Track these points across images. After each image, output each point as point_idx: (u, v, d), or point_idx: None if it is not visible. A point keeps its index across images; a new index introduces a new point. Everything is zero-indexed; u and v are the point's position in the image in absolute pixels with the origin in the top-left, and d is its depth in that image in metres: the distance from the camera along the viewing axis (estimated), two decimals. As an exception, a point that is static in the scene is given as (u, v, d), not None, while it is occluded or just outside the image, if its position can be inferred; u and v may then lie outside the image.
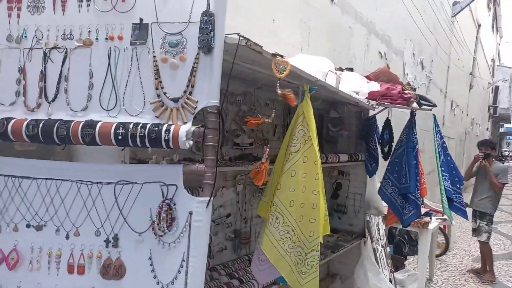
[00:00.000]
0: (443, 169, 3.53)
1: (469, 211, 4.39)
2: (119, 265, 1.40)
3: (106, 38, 1.44)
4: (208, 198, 1.39)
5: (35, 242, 1.43)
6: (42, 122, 1.38)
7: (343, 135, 3.84)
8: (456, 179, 3.91)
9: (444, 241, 6.71)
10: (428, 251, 5.18)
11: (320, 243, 1.79)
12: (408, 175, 3.24)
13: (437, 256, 6.31)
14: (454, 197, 3.90)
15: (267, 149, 1.78)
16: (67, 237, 1.43)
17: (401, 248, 6.25)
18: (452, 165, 3.87)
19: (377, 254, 4.10)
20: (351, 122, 3.85)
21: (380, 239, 4.38)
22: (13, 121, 1.40)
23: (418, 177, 3.25)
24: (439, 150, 3.54)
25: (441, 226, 6.36)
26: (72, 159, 1.70)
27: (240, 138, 2.85)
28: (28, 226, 1.44)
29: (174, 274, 1.37)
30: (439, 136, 3.62)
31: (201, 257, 1.37)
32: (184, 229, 1.38)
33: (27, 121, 1.39)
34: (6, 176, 1.45)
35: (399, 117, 4.20)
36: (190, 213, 1.39)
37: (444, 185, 3.49)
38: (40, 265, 1.42)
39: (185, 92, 1.40)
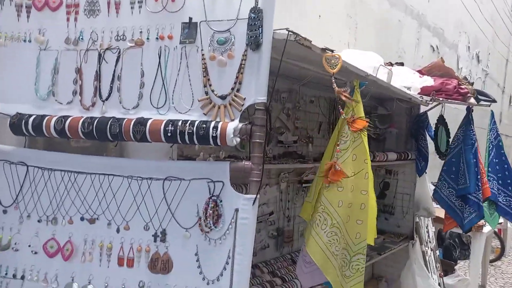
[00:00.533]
0: (489, 169, 3.28)
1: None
2: (166, 260, 1.43)
3: (157, 38, 1.47)
4: (255, 196, 1.38)
5: (88, 235, 1.50)
6: (97, 120, 1.44)
7: (392, 133, 3.69)
8: (509, 180, 3.63)
9: (499, 246, 6.29)
10: (482, 255, 4.87)
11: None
12: (467, 175, 3.03)
13: (491, 261, 5.93)
14: (502, 200, 3.64)
15: (338, 148, 1.72)
16: (117, 231, 1.48)
17: (451, 252, 5.94)
18: (506, 166, 3.59)
19: (426, 258, 3.91)
20: (401, 120, 3.69)
21: (430, 241, 4.17)
22: (70, 118, 1.47)
23: (479, 176, 3.04)
24: (490, 148, 3.30)
25: (496, 230, 5.97)
26: (123, 155, 1.76)
27: (284, 136, 2.82)
28: (82, 219, 1.51)
29: (219, 271, 1.38)
30: (494, 133, 3.36)
31: (247, 254, 1.37)
32: (230, 226, 1.39)
33: (82, 119, 1.45)
34: (63, 171, 1.53)
35: (453, 114, 3.96)
36: (236, 210, 1.39)
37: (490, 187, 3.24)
38: (92, 257, 1.49)
39: (232, 89, 1.40)
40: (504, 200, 3.72)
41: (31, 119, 1.49)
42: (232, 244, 1.38)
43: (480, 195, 3.07)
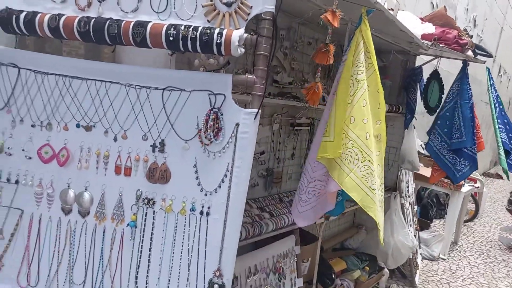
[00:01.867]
0: (499, 121, 3.33)
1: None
2: (164, 170, 1.41)
3: None
4: (256, 110, 1.35)
5: (84, 142, 1.46)
6: (94, 19, 1.36)
7: (386, 84, 3.67)
8: (511, 134, 3.70)
9: (474, 209, 6.57)
10: (457, 214, 5.09)
11: None
12: (463, 129, 3.08)
13: (465, 221, 6.21)
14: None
15: (319, 68, 1.67)
16: (115, 139, 1.45)
17: (428, 211, 6.18)
18: (506, 120, 3.65)
19: (405, 210, 4.05)
20: (396, 72, 3.68)
21: (409, 196, 4.31)
22: (64, 17, 1.37)
23: (474, 131, 3.09)
24: (495, 102, 3.33)
25: (473, 193, 6.21)
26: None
27: (280, 76, 2.77)
28: (77, 126, 1.46)
29: (217, 183, 1.38)
30: (494, 89, 3.38)
31: (246, 168, 1.36)
32: (230, 140, 1.37)
33: (78, 17, 1.36)
34: (58, 75, 1.45)
35: (443, 75, 3.96)
36: (237, 124, 1.36)
37: (501, 138, 3.29)
38: (89, 164, 1.46)
39: (239, -4, 1.33)
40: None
41: (22, 14, 1.38)
42: (231, 157, 1.37)
43: (475, 148, 3.14)
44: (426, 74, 3.57)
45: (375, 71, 1.70)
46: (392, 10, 2.30)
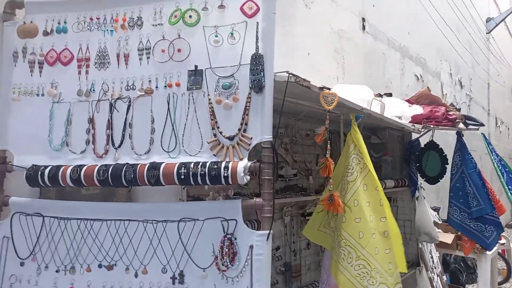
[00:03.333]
0: (509, 187, 3.38)
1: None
2: (185, 301, 1.43)
3: (165, 86, 1.56)
4: (268, 231, 1.42)
5: (106, 282, 1.51)
6: (111, 167, 1.50)
7: (387, 161, 3.78)
8: None
9: (505, 267, 6.23)
10: (489, 278, 4.84)
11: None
12: (479, 197, 3.12)
13: (500, 283, 5.86)
14: None
15: (330, 180, 1.77)
16: (136, 275, 1.50)
17: (458, 276, 5.87)
18: None
19: (434, 284, 3.88)
20: (394, 147, 3.80)
21: (435, 267, 4.16)
22: (85, 167, 1.52)
23: (490, 197, 3.13)
24: (500, 168, 3.40)
25: (500, 251, 5.95)
26: (132, 199, 1.80)
27: (284, 170, 2.88)
28: (100, 266, 1.53)
29: (239, 309, 1.39)
30: (495, 153, 3.48)
31: (265, 290, 1.39)
32: (246, 263, 1.41)
33: (97, 167, 1.51)
34: (79, 219, 1.56)
35: (442, 138, 4.09)
36: (251, 246, 1.42)
37: None
38: (112, 304, 1.49)
39: (239, 130, 1.48)
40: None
41: (47, 170, 1.53)
42: (249, 280, 1.40)
43: (496, 213, 3.16)
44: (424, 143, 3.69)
45: (370, 171, 1.80)
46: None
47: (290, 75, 1.50)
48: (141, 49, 1.60)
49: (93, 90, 1.63)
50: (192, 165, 1.44)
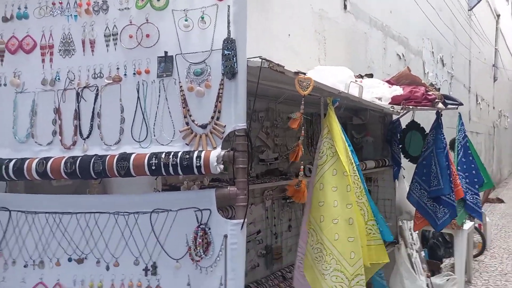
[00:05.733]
0: (458, 168, 3.44)
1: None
2: (159, 293, 1.42)
3: (134, 73, 1.50)
4: (242, 220, 1.41)
5: (77, 275, 1.48)
6: (79, 158, 1.45)
7: (368, 141, 3.80)
8: (476, 179, 3.81)
9: (481, 241, 6.46)
10: (465, 252, 5.01)
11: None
12: (441, 177, 3.15)
13: (475, 256, 6.08)
14: (469, 197, 3.82)
15: (302, 167, 1.74)
16: (107, 268, 1.47)
17: (436, 251, 6.06)
18: (473, 165, 3.78)
19: (412, 260, 3.99)
20: (375, 128, 3.81)
21: (414, 244, 4.27)
22: (51, 160, 1.46)
23: (451, 179, 3.17)
24: (459, 148, 3.46)
25: (477, 225, 6.15)
26: (106, 190, 1.76)
27: (265, 154, 2.87)
28: (69, 260, 1.50)
29: (213, 299, 1.39)
30: (462, 134, 3.52)
31: (239, 279, 1.39)
32: (220, 252, 1.40)
33: (64, 159, 1.45)
34: (47, 213, 1.51)
35: (423, 116, 4.13)
36: (225, 236, 1.41)
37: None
38: (83, 298, 1.47)
39: (212, 118, 1.44)
40: (471, 198, 3.91)
41: (11, 163, 1.47)
42: (223, 270, 1.40)
43: (453, 196, 3.20)
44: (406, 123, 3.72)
45: (339, 157, 1.78)
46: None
47: (263, 60, 1.45)
48: (107, 35, 1.52)
49: (58, 78, 1.55)
50: (163, 155, 1.40)
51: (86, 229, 1.48)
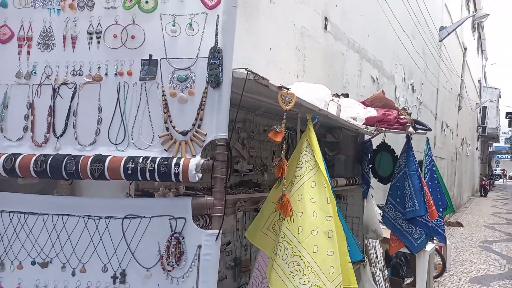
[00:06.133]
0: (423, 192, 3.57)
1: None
2: (126, 302, 1.37)
3: (116, 74, 1.46)
4: (217, 231, 1.39)
5: (40, 280, 1.40)
6: (51, 157, 1.38)
7: (340, 159, 3.87)
8: (440, 202, 3.96)
9: (441, 262, 6.69)
10: (426, 273, 5.15)
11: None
12: (416, 199, 3.24)
13: (435, 277, 6.28)
14: (433, 220, 3.94)
15: (284, 180, 1.70)
16: (73, 274, 1.40)
17: (398, 270, 6.21)
18: (438, 189, 3.93)
19: (376, 278, 4.07)
20: (348, 146, 3.89)
21: (378, 262, 4.35)
22: (21, 157, 1.39)
23: (425, 200, 3.27)
24: (426, 171, 3.58)
25: (437, 247, 6.36)
26: (75, 192, 1.69)
27: (240, 165, 2.86)
28: (33, 263, 1.42)
29: (183, 310, 1.35)
30: (429, 158, 3.66)
31: (211, 291, 1.36)
32: (193, 263, 1.37)
33: (35, 156, 1.39)
34: (12, 212, 1.43)
35: (393, 139, 4.27)
36: (199, 246, 1.38)
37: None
38: (45, 304, 1.39)
39: (193, 125, 1.42)
40: (435, 221, 4.05)
41: (-24, 158, 1.39)
42: (195, 281, 1.36)
43: (428, 217, 3.30)
44: (377, 144, 3.83)
45: (320, 168, 1.79)
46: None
47: (249, 72, 1.46)
48: (91, 32, 1.48)
49: (35, 72, 1.49)
50: (140, 160, 1.36)
51: (53, 231, 1.41)
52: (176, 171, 1.34)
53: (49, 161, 1.37)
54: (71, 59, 1.48)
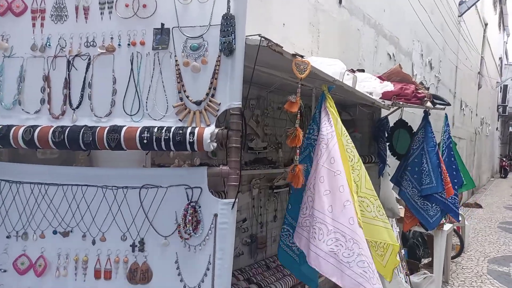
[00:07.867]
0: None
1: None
2: (145, 269, 1.40)
3: (129, 44, 1.45)
4: (233, 200, 1.39)
5: (61, 249, 1.44)
6: (68, 128, 1.40)
7: (356, 137, 3.82)
8: (456, 180, 3.89)
9: (459, 243, 6.61)
10: (444, 253, 5.11)
11: None
12: (433, 175, 3.19)
13: (452, 258, 6.22)
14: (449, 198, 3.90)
15: (298, 151, 1.73)
16: (93, 243, 1.43)
17: (415, 251, 6.17)
18: (454, 166, 3.84)
19: (393, 257, 4.05)
20: (363, 124, 3.83)
21: (395, 241, 4.33)
22: (39, 128, 1.41)
23: (442, 177, 3.22)
24: (444, 148, 3.50)
25: (455, 228, 6.28)
26: (93, 165, 1.71)
27: (254, 143, 2.85)
28: (54, 232, 1.45)
29: (200, 277, 1.37)
30: (447, 135, 3.57)
31: (228, 259, 1.37)
32: (210, 231, 1.38)
33: (53, 128, 1.40)
34: (33, 183, 1.46)
35: (409, 118, 4.18)
36: (215, 215, 1.39)
37: None
38: (67, 272, 1.43)
39: (207, 94, 1.41)
40: (450, 198, 3.98)
41: (-4, 129, 1.41)
42: (212, 249, 1.38)
43: (444, 194, 3.24)
44: (393, 121, 3.76)
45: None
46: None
47: (262, 38, 1.43)
48: (102, 2, 1.47)
49: (49, 45, 1.49)
50: (156, 130, 1.36)
51: (73, 201, 1.44)
52: (191, 140, 1.34)
53: (66, 132, 1.38)
54: (84, 31, 1.48)
